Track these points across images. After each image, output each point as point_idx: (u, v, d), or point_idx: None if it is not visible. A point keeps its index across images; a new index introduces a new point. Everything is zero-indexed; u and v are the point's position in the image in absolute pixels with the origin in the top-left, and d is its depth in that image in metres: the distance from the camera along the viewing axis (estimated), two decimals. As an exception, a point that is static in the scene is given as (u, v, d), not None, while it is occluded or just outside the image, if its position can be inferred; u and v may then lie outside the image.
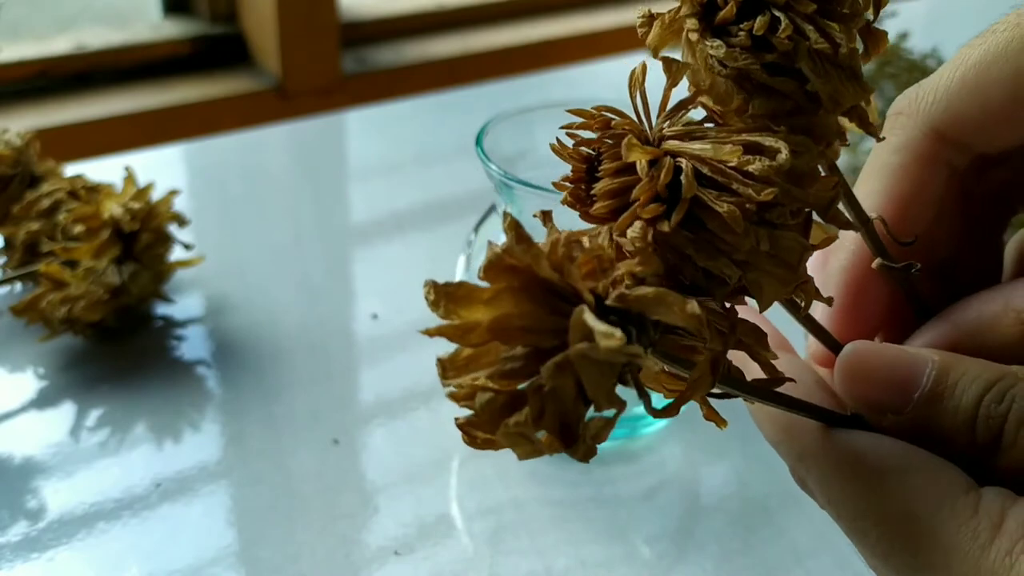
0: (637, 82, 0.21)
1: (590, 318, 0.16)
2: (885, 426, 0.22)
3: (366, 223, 0.61)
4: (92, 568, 0.36)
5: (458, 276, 0.43)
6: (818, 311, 0.26)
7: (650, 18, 0.21)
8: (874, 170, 0.26)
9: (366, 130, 0.73)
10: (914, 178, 0.25)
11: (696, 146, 0.20)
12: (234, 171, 0.66)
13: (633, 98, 0.21)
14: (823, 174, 0.21)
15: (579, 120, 0.21)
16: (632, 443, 0.43)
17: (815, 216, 0.21)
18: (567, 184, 0.21)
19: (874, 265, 0.25)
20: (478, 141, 0.39)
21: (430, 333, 0.18)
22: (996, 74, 0.23)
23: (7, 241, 0.48)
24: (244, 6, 0.94)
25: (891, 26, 0.62)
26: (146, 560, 0.37)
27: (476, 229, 0.43)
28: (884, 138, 0.23)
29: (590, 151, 0.21)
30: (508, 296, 0.17)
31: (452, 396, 0.17)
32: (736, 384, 0.21)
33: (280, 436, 0.43)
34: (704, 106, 0.21)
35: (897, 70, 0.58)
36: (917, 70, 0.58)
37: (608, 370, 0.17)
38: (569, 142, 0.21)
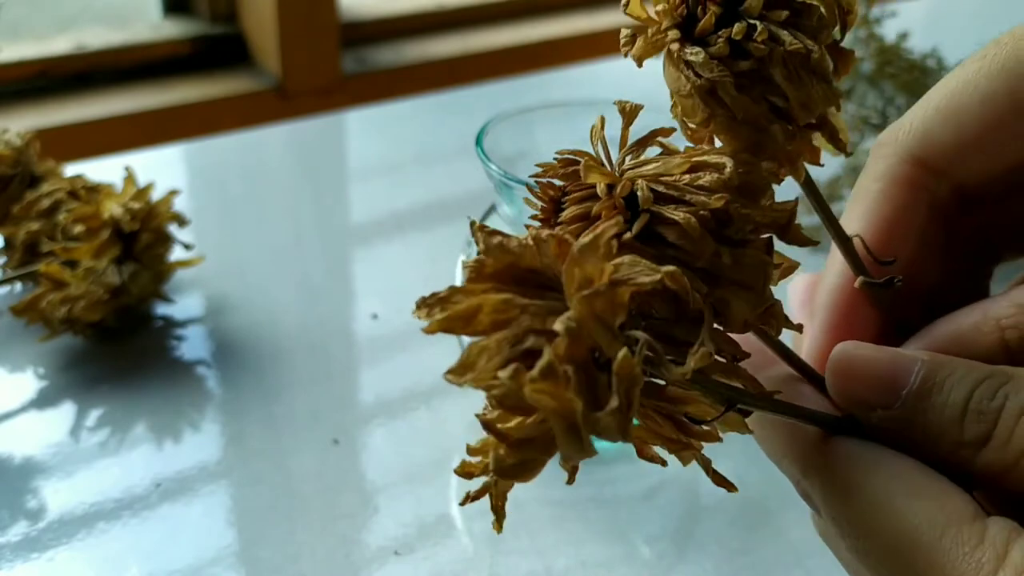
0: (596, 133, 0.22)
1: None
2: (873, 423, 0.22)
3: (366, 223, 0.61)
4: (92, 568, 0.36)
5: (458, 276, 0.43)
6: (807, 331, 0.26)
7: (633, 37, 0.22)
8: (857, 197, 0.26)
9: (366, 130, 0.73)
10: (895, 202, 0.25)
11: (649, 168, 0.21)
12: (234, 171, 0.66)
13: (595, 145, 0.22)
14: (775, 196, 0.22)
15: (544, 170, 0.23)
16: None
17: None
18: (535, 222, 0.22)
19: (857, 284, 0.25)
20: (478, 141, 0.39)
21: (431, 330, 0.18)
22: (967, 101, 0.24)
23: (7, 241, 0.48)
24: (244, 6, 0.94)
25: (891, 26, 0.62)
26: (146, 560, 0.37)
27: (476, 229, 0.43)
28: (852, 153, 0.24)
29: (555, 193, 0.22)
30: (498, 289, 0.18)
31: (477, 385, 0.17)
32: (738, 393, 0.21)
33: (280, 436, 0.43)
34: (661, 143, 0.23)
35: (897, 70, 0.58)
36: (917, 70, 0.58)
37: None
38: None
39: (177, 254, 0.50)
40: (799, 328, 0.23)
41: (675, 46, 0.21)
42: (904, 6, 0.76)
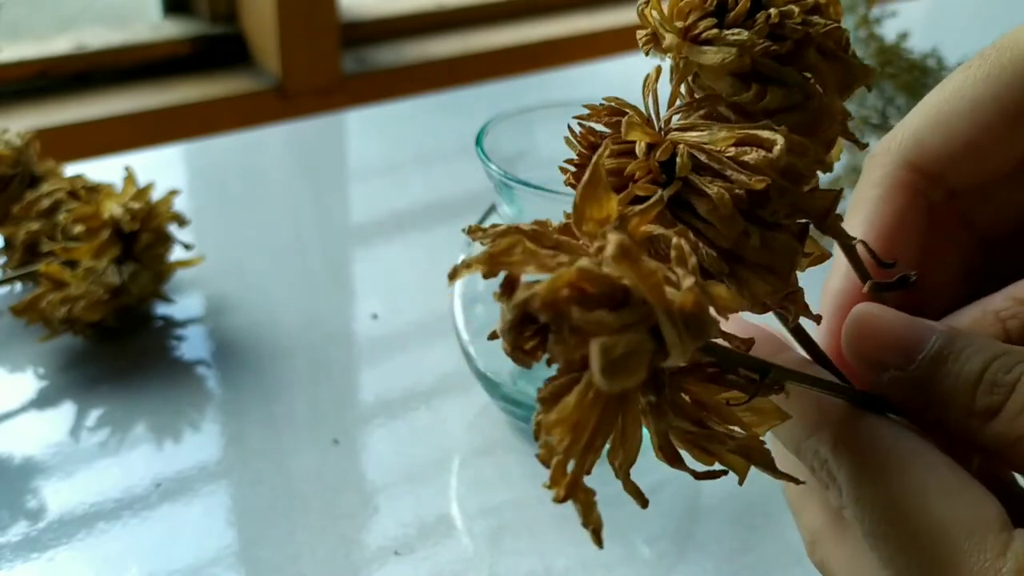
0: (650, 83, 0.21)
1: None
2: (884, 383, 0.23)
3: (366, 223, 0.61)
4: (92, 568, 0.36)
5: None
6: (813, 331, 0.26)
7: (653, 35, 0.22)
8: (857, 205, 0.27)
9: (366, 130, 0.73)
10: (895, 206, 0.26)
11: (694, 134, 0.21)
12: (234, 171, 0.66)
13: (645, 97, 0.21)
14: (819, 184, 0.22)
15: (589, 112, 0.22)
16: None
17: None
18: (570, 167, 0.22)
19: (865, 288, 0.25)
20: (478, 141, 0.39)
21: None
22: (955, 108, 0.25)
23: (7, 241, 0.48)
24: (244, 6, 0.94)
25: (891, 26, 0.62)
26: (146, 560, 0.37)
27: (476, 229, 0.43)
28: (867, 144, 0.24)
29: (595, 139, 0.21)
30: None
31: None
32: (765, 366, 0.21)
33: (280, 436, 0.43)
34: (713, 107, 0.22)
35: (897, 70, 0.58)
36: (917, 70, 0.58)
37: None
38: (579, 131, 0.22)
39: (177, 254, 0.50)
40: (817, 319, 0.23)
41: (714, 31, 0.21)
42: (904, 6, 0.76)
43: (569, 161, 0.22)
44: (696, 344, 0.16)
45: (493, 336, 0.18)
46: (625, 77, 0.34)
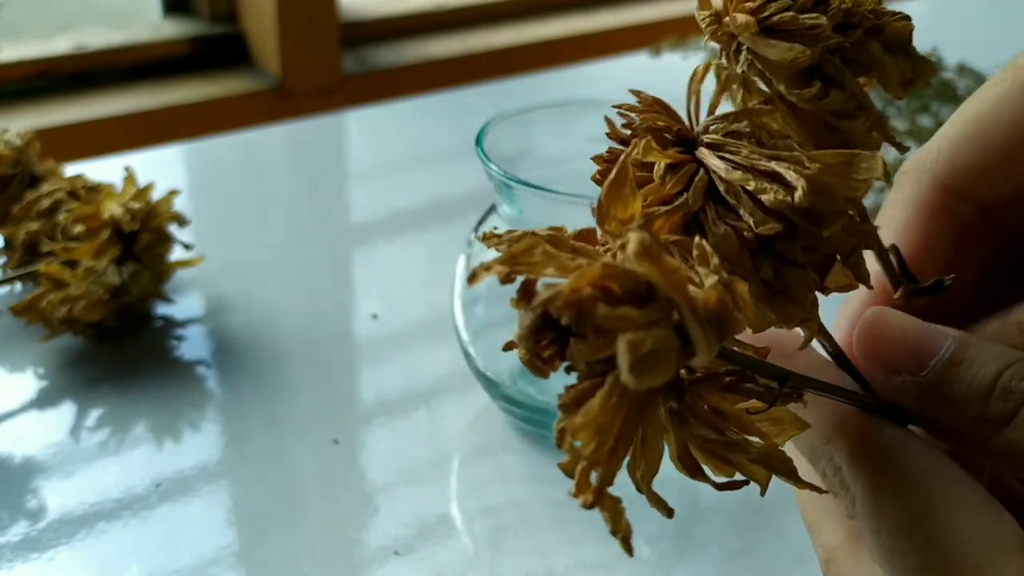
0: (697, 79, 0.21)
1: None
2: (895, 387, 0.22)
3: (366, 223, 0.61)
4: (92, 568, 0.36)
5: (458, 276, 0.43)
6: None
7: (717, 17, 0.21)
8: (884, 225, 0.26)
9: (366, 130, 0.73)
10: (923, 231, 0.26)
11: (715, 162, 0.20)
12: (234, 171, 0.66)
13: (689, 96, 0.21)
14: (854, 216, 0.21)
15: (626, 107, 0.21)
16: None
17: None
18: (601, 162, 0.21)
19: (897, 296, 0.24)
20: (478, 141, 0.39)
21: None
22: (992, 122, 0.24)
23: (7, 241, 0.48)
24: (244, 6, 0.94)
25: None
26: (146, 560, 0.37)
27: (476, 229, 0.43)
28: (908, 148, 0.24)
29: (626, 137, 0.21)
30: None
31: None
32: (783, 373, 0.20)
33: (280, 436, 0.43)
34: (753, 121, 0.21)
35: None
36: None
37: None
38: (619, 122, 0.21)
39: (177, 254, 0.50)
40: (832, 344, 0.23)
41: (789, 14, 0.20)
42: (904, 6, 0.76)
43: (599, 156, 0.21)
44: (721, 342, 0.16)
45: (510, 346, 0.18)
46: (626, 77, 0.34)
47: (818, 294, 0.21)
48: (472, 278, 0.17)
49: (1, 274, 0.48)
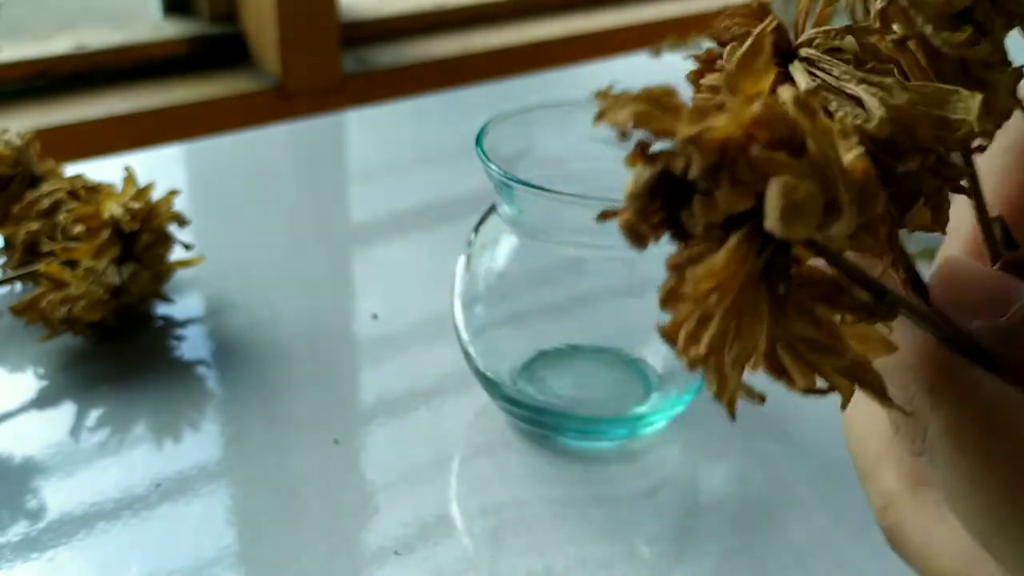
0: None
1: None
2: (973, 331, 0.21)
3: (366, 223, 0.61)
4: (92, 568, 0.36)
5: (458, 276, 0.43)
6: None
7: None
8: (981, 174, 0.24)
9: (366, 130, 0.73)
10: (1020, 180, 0.24)
11: (802, 78, 0.19)
12: (234, 171, 0.66)
13: (799, 5, 0.20)
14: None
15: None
16: (632, 443, 0.43)
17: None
18: (699, 61, 0.20)
19: (999, 265, 0.23)
20: (478, 141, 0.39)
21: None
22: None
23: (7, 241, 0.48)
24: (244, 6, 0.94)
25: (891, 26, 0.62)
26: (146, 560, 0.37)
27: (476, 229, 0.43)
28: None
29: (759, 15, 0.20)
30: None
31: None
32: (882, 287, 0.19)
33: (280, 436, 0.43)
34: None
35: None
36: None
37: None
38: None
39: (177, 254, 0.50)
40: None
41: None
42: (904, 6, 0.76)
43: (698, 55, 0.20)
44: (864, 215, 0.15)
45: (606, 216, 0.16)
46: (626, 77, 0.33)
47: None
48: (599, 116, 0.16)
49: (1, 274, 0.48)
